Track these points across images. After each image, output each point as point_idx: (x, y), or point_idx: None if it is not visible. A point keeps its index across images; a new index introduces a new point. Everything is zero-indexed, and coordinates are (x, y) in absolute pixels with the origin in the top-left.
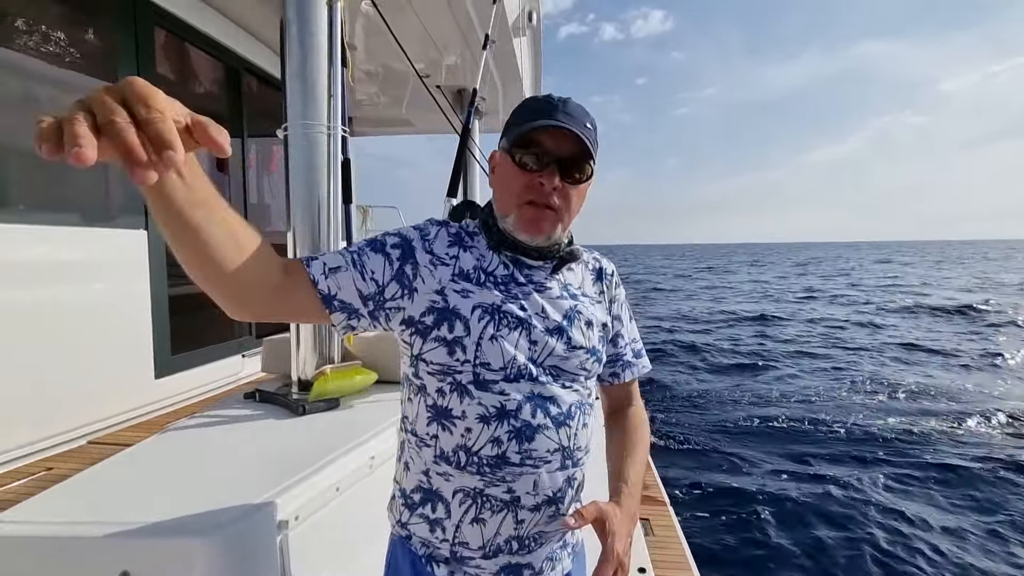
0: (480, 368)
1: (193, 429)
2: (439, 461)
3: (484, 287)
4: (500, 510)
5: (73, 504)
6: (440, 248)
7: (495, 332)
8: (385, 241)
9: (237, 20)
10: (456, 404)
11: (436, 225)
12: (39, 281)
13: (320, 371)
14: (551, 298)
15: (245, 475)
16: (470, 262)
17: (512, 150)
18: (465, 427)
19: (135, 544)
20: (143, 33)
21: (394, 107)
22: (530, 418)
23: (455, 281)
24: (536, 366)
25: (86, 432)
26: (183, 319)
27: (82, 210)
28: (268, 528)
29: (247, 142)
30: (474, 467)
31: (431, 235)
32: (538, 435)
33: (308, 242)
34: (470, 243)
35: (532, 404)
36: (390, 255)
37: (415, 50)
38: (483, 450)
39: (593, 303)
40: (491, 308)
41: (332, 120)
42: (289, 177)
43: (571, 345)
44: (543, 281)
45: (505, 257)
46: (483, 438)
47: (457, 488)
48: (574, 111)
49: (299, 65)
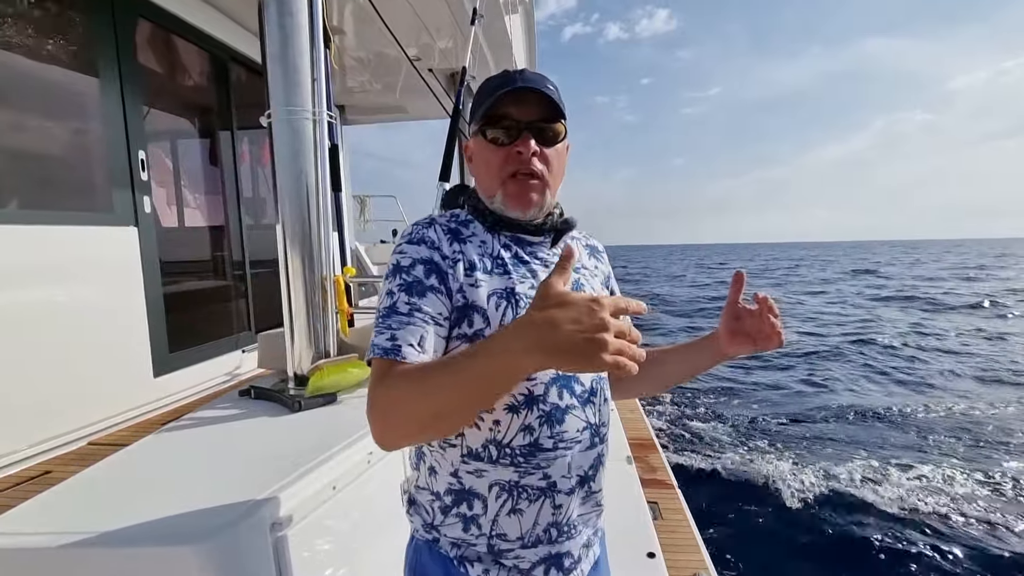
0: None
1: (187, 429)
2: (467, 459)
3: (493, 273)
4: (537, 498)
5: (65, 511)
6: (448, 249)
7: (515, 315)
8: (418, 278)
9: (222, 8)
10: None
11: (427, 227)
12: (31, 282)
13: (316, 366)
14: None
15: (240, 475)
16: (473, 252)
17: (483, 129)
18: (493, 420)
19: (127, 553)
20: (123, 23)
21: (388, 94)
22: (558, 400)
23: (468, 274)
24: None
25: (85, 433)
26: (180, 316)
27: (71, 209)
28: (263, 530)
29: (237, 134)
30: (507, 459)
31: (437, 241)
32: (567, 416)
33: (298, 233)
34: (466, 233)
35: (558, 386)
36: (434, 287)
37: (407, 35)
38: (515, 440)
39: (592, 276)
40: (505, 292)
41: (317, 105)
42: (275, 165)
43: None
44: (546, 257)
45: (505, 237)
46: (514, 428)
47: (492, 482)
48: (532, 77)
49: (280, 48)
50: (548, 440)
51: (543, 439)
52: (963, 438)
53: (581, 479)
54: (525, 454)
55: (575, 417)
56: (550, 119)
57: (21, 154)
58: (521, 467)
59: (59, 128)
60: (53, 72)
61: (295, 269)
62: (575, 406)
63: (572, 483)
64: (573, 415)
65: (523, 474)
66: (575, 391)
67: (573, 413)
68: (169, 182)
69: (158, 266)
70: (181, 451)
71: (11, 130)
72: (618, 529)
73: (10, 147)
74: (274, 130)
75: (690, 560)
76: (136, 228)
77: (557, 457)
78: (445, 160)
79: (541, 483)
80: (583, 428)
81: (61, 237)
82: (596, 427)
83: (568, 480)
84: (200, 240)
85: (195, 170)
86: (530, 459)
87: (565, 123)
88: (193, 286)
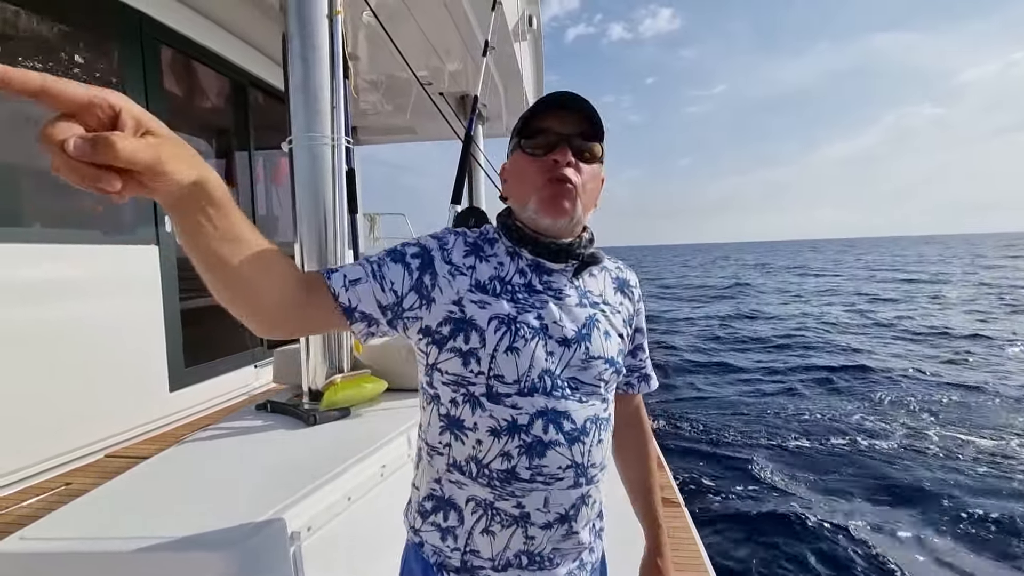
0: (494, 380)
1: (207, 441)
2: (452, 470)
3: (500, 298)
4: (509, 525)
5: (90, 519)
6: (458, 257)
7: (511, 343)
8: (405, 251)
9: (242, 35)
10: (468, 415)
11: (454, 234)
12: (53, 299)
13: (330, 381)
14: (569, 307)
15: (258, 487)
16: (487, 272)
17: (522, 143)
18: (476, 439)
19: (152, 559)
20: (149, 52)
21: (398, 115)
22: (541, 434)
23: (472, 292)
24: (552, 378)
25: (103, 447)
26: (195, 332)
27: (93, 228)
28: (281, 541)
29: (254, 155)
30: (484, 479)
31: (449, 244)
32: (549, 451)
33: (315, 252)
34: (488, 252)
35: (544, 419)
36: (410, 264)
37: (417, 58)
38: (493, 463)
39: (613, 312)
40: (507, 319)
41: (335, 131)
42: (295, 188)
43: (589, 355)
44: (562, 288)
45: (525, 262)
46: (493, 451)
47: (469, 497)
48: (576, 98)
49: (302, 78)
50: (525, 471)
51: (520, 468)
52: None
53: (561, 517)
54: (501, 479)
55: (558, 454)
56: (589, 136)
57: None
58: (496, 490)
59: None
60: None
61: None
62: (560, 442)
63: (549, 518)
64: (556, 451)
65: (497, 497)
66: (563, 427)
67: (556, 450)
68: None
69: (176, 284)
70: (202, 462)
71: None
72: (622, 546)
73: (36, 168)
74: (295, 155)
75: None
76: (157, 247)
77: (533, 489)
78: (457, 183)
79: (514, 511)
80: (567, 466)
81: (83, 255)
82: (583, 468)
83: (543, 514)
84: None
85: None
86: (505, 485)
87: (603, 147)
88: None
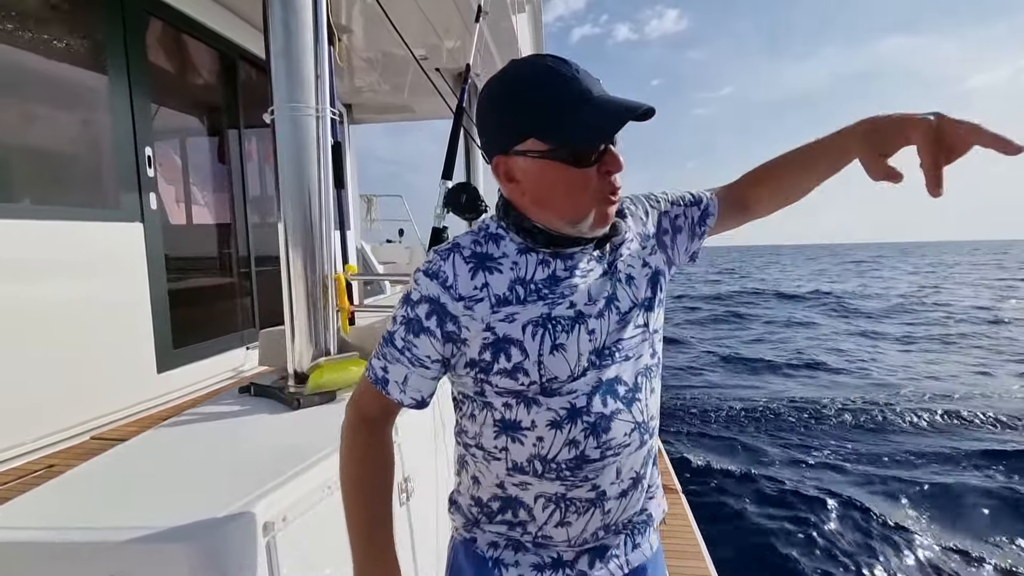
0: (547, 383)
1: (185, 425)
2: (513, 472)
3: (527, 302)
4: (586, 510)
5: (59, 506)
6: (465, 287)
7: (553, 343)
8: (419, 316)
9: (230, 6)
10: (524, 415)
11: (445, 258)
12: (36, 277)
13: (316, 363)
14: (595, 278)
15: (232, 474)
16: (503, 284)
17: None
18: (536, 436)
19: (116, 549)
20: (133, 22)
21: (395, 94)
22: (603, 408)
23: (496, 311)
24: (599, 354)
25: (88, 428)
26: (184, 313)
27: (76, 205)
28: (253, 532)
29: (245, 132)
30: (552, 474)
31: (450, 279)
32: (613, 423)
33: (299, 229)
34: (497, 255)
35: (600, 393)
36: (429, 328)
37: (414, 35)
38: (560, 455)
39: (628, 245)
40: (542, 319)
41: (320, 101)
42: (277, 162)
43: (621, 312)
44: (585, 265)
45: (544, 253)
46: (558, 443)
47: (538, 494)
48: (593, 77)
49: (283, 44)
50: (595, 451)
51: (589, 450)
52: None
53: (634, 480)
54: (572, 467)
55: (621, 421)
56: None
57: (28, 149)
58: (568, 480)
59: (66, 124)
60: (62, 68)
61: (296, 266)
62: (621, 409)
63: (623, 487)
64: (619, 420)
65: (570, 487)
66: (619, 393)
67: (619, 418)
68: (178, 180)
69: (163, 262)
70: (178, 447)
71: (18, 126)
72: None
73: (17, 142)
74: (277, 126)
75: (694, 566)
76: (142, 224)
77: (605, 466)
78: (448, 158)
79: (590, 494)
80: (631, 430)
81: (66, 232)
82: (645, 423)
83: (617, 485)
84: (206, 237)
85: (203, 168)
86: (577, 472)
87: None
88: (198, 283)
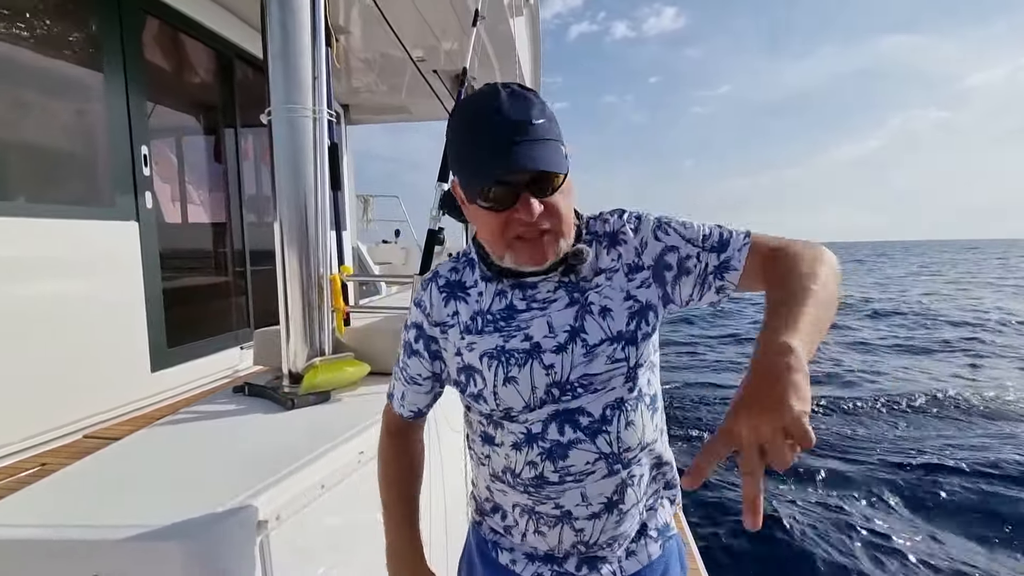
0: (505, 410)
1: (179, 425)
2: (494, 479)
3: (484, 333)
4: (555, 524)
5: (53, 505)
6: (439, 313)
7: (507, 375)
8: (409, 338)
9: (227, 5)
10: (495, 432)
11: (426, 288)
12: (31, 275)
13: (311, 363)
14: (557, 310)
15: (226, 473)
16: (467, 313)
17: (472, 198)
18: (505, 452)
19: (108, 547)
20: (129, 19)
21: (393, 95)
22: (558, 436)
23: (463, 337)
24: (559, 388)
25: (81, 427)
26: (179, 312)
27: (71, 203)
28: (247, 530)
29: (241, 131)
30: (521, 487)
31: (428, 305)
32: (571, 451)
33: (295, 230)
34: (468, 283)
35: (558, 422)
36: (418, 351)
37: (412, 36)
38: (523, 472)
39: (610, 276)
40: (496, 352)
41: (317, 103)
42: (274, 163)
43: (588, 346)
44: (548, 296)
45: (504, 284)
46: (520, 462)
47: (514, 503)
48: (517, 114)
49: (281, 46)
50: (553, 474)
51: (548, 473)
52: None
53: (606, 505)
54: (535, 485)
55: (581, 451)
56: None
57: (22, 147)
58: (532, 496)
59: (61, 122)
60: (58, 66)
61: (292, 266)
62: (581, 440)
63: (593, 510)
64: (579, 449)
65: (536, 502)
66: (580, 424)
67: (579, 447)
68: (173, 179)
69: (158, 261)
70: (172, 446)
71: (13, 123)
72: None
73: (12, 140)
74: (274, 128)
75: None
76: (137, 223)
77: (566, 490)
78: (444, 162)
79: (555, 512)
80: (595, 460)
81: (61, 231)
82: (615, 455)
83: (585, 508)
84: (202, 236)
85: (199, 167)
86: (539, 490)
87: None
88: (194, 282)
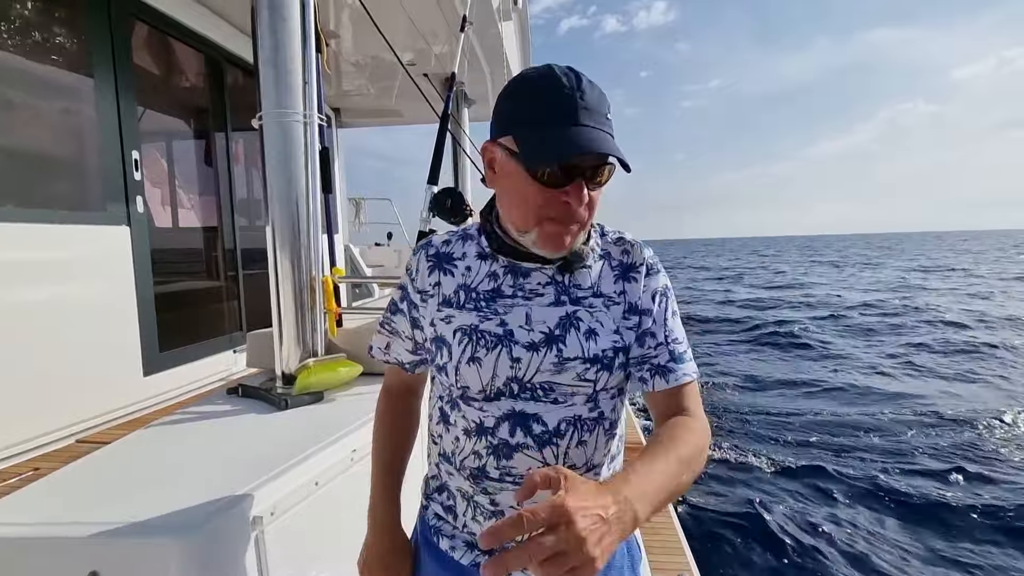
0: (461, 390)
1: (173, 425)
2: (442, 460)
3: (464, 308)
4: (490, 518)
5: (49, 504)
6: (423, 281)
7: (472, 354)
8: (396, 299)
9: (217, 10)
10: (450, 413)
11: (416, 254)
12: (22, 280)
13: (303, 364)
14: (542, 306)
15: (222, 471)
16: (451, 286)
17: (527, 162)
18: (455, 435)
19: (105, 544)
20: (119, 24)
21: (384, 98)
22: (508, 436)
23: (440, 310)
24: (520, 384)
25: (74, 431)
26: (171, 316)
27: (63, 208)
28: (242, 525)
29: (232, 135)
30: (464, 472)
31: (414, 271)
32: (516, 454)
33: (287, 234)
34: (456, 256)
35: (511, 422)
36: (402, 309)
37: (402, 40)
38: (467, 460)
39: (609, 304)
40: (469, 330)
41: (308, 108)
42: (265, 167)
43: (563, 357)
44: (536, 288)
45: (499, 264)
46: (467, 449)
47: (457, 487)
48: (594, 103)
49: (272, 51)
50: (495, 471)
51: (490, 468)
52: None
53: None
54: (474, 476)
55: (526, 456)
56: (605, 160)
57: (13, 152)
58: (473, 485)
59: (52, 127)
60: (48, 71)
61: (284, 269)
62: (529, 445)
63: None
64: (525, 454)
65: (475, 491)
66: (532, 430)
67: (525, 452)
68: (164, 183)
69: (150, 266)
70: (166, 447)
71: (3, 128)
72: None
73: (2, 145)
74: (265, 132)
75: (674, 561)
76: (128, 228)
77: (503, 488)
78: (434, 164)
79: (491, 507)
80: (537, 468)
81: (52, 235)
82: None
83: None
84: (193, 240)
85: (190, 171)
86: (478, 481)
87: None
88: (185, 286)
